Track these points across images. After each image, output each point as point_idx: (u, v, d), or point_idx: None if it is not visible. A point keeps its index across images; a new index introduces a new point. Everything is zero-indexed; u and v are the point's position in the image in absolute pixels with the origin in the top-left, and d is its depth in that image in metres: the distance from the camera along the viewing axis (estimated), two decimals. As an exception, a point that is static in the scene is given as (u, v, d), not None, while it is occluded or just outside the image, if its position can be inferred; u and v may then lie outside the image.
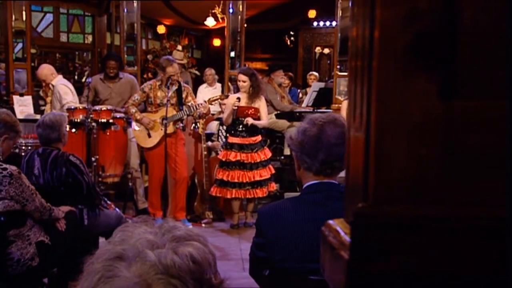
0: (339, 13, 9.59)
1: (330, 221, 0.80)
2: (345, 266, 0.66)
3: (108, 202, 5.84)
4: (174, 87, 7.14)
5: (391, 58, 0.64)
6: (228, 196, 7.25)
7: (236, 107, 7.10)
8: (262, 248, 2.61)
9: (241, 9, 9.76)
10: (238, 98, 7.11)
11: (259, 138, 7.35)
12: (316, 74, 12.11)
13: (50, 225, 4.06)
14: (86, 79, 11.86)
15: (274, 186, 7.49)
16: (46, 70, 8.01)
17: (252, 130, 7.25)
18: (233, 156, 7.11)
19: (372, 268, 0.66)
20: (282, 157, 9.45)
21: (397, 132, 0.65)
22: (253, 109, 7.27)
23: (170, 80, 7.02)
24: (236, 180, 7.12)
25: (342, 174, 3.40)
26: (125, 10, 9.69)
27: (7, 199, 3.68)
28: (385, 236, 0.66)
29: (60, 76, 8.19)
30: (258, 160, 7.20)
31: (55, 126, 4.63)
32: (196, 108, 7.17)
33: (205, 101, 7.41)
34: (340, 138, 2.53)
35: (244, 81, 7.12)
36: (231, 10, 9.76)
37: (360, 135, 0.70)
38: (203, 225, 7.77)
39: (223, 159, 7.20)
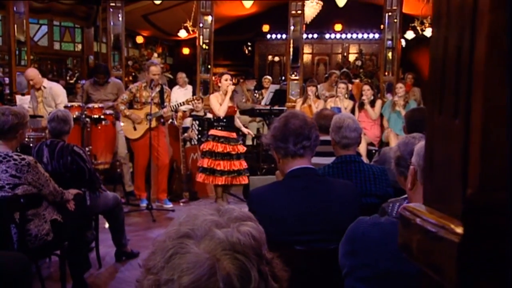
0: (291, 27, 9.60)
1: (412, 205, 0.75)
2: (456, 248, 0.62)
3: (102, 186, 5.74)
4: (157, 89, 7.07)
5: (496, 57, 0.60)
6: (218, 183, 7.05)
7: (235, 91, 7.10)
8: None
9: (210, 24, 9.70)
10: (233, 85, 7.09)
11: (235, 133, 7.26)
12: (270, 78, 12.09)
13: (62, 205, 3.94)
14: (76, 81, 11.70)
15: (246, 179, 7.23)
16: (35, 71, 7.74)
17: (233, 126, 7.16)
18: (221, 148, 6.95)
19: (484, 250, 0.62)
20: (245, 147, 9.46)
21: (501, 125, 0.61)
22: (234, 107, 7.26)
23: (153, 82, 6.96)
24: (224, 168, 6.96)
25: (315, 160, 3.40)
26: (112, 23, 9.57)
27: (25, 185, 3.58)
28: (495, 220, 0.61)
29: (45, 79, 7.97)
30: (240, 152, 7.13)
31: (67, 120, 4.55)
32: (179, 106, 7.21)
33: (182, 103, 7.41)
34: (303, 123, 2.59)
35: (231, 80, 7.07)
36: (201, 24, 9.69)
37: (455, 127, 0.65)
38: (181, 204, 7.73)
39: (213, 150, 6.94)
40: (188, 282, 0.89)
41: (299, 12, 9.57)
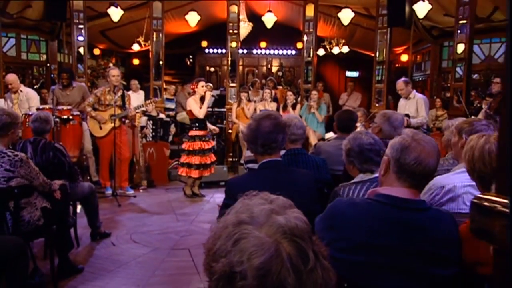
0: (229, 44, 9.51)
1: (486, 195, 0.73)
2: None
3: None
4: (119, 93, 6.84)
5: None
6: (196, 176, 6.89)
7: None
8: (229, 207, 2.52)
9: (160, 39, 9.45)
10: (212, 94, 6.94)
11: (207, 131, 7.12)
12: (211, 84, 11.95)
13: (50, 194, 3.71)
14: (40, 86, 11.06)
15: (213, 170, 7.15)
16: (14, 76, 7.36)
17: (205, 126, 7.00)
18: (198, 145, 6.80)
19: None
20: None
21: None
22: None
23: (116, 87, 6.73)
24: (200, 162, 6.81)
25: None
26: (76, 38, 9.13)
27: (19, 177, 3.39)
28: None
29: (22, 85, 7.55)
30: (211, 146, 7.01)
31: (48, 121, 4.30)
32: (139, 108, 7.01)
33: (142, 105, 7.21)
34: (272, 127, 2.54)
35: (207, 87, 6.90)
36: (154, 39, 9.42)
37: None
38: (141, 190, 7.52)
39: (192, 149, 6.77)
40: (259, 263, 0.84)
41: (235, 31, 9.51)
